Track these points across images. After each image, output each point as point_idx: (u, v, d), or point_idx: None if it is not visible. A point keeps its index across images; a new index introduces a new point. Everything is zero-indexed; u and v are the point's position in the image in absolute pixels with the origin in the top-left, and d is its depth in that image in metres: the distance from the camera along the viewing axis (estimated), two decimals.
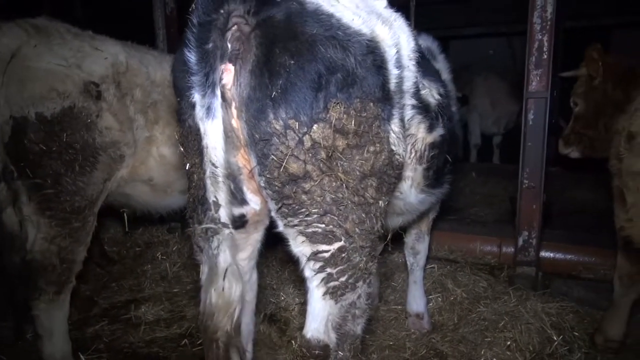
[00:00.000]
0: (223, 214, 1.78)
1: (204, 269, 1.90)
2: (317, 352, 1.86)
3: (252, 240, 2.23)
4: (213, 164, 1.73)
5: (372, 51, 1.78)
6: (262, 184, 1.80)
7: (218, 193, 1.76)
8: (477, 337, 3.24)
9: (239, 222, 2.02)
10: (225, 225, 1.78)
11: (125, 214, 3.69)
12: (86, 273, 3.32)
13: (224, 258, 1.77)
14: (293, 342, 2.00)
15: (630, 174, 2.47)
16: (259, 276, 2.47)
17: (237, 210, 1.98)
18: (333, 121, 1.68)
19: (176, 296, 4.03)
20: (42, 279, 2.83)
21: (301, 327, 1.94)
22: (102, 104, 2.94)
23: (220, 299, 1.77)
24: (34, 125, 2.68)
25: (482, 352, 3.05)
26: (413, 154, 2.28)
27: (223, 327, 1.79)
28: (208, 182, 1.75)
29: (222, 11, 1.65)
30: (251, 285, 2.37)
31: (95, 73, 2.95)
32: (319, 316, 1.87)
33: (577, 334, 3.24)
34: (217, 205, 1.77)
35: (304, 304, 2.22)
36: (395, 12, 2.11)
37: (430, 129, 2.29)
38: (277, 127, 1.68)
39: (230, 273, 1.77)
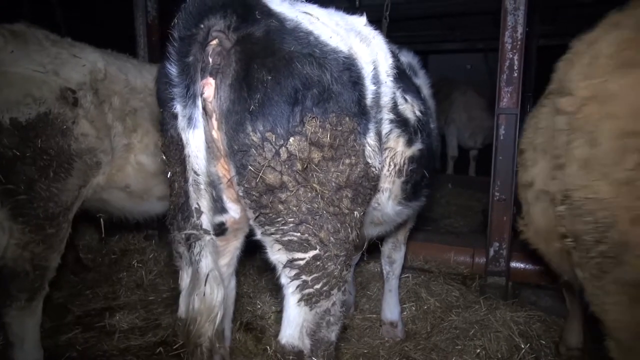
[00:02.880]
0: (205, 221, 1.82)
1: (183, 275, 1.95)
2: (291, 357, 1.91)
3: (231, 248, 2.27)
4: (195, 172, 1.78)
5: (349, 68, 1.86)
6: (241, 193, 1.85)
7: (200, 200, 1.80)
8: (448, 345, 3.31)
9: (219, 230, 2.07)
10: (207, 231, 1.82)
11: (102, 220, 3.67)
12: (59, 280, 3.28)
13: (205, 264, 1.81)
14: (269, 348, 2.03)
15: (521, 185, 2.67)
16: (237, 284, 2.50)
17: (217, 218, 2.03)
18: (309, 134, 1.75)
19: (152, 304, 4.01)
20: (14, 285, 2.80)
21: (277, 334, 1.98)
22: (79, 110, 2.95)
23: (202, 304, 1.80)
24: (7, 131, 2.66)
25: None
26: (392, 167, 2.34)
27: (205, 333, 1.82)
28: (190, 189, 1.79)
29: (202, 26, 1.70)
30: (229, 292, 2.40)
31: (72, 80, 2.96)
32: (294, 322, 1.92)
33: (543, 342, 3.34)
34: (199, 212, 1.81)
35: (280, 312, 2.25)
36: (375, 29, 2.20)
37: (410, 143, 2.36)
38: (255, 139, 1.74)
39: (212, 278, 1.80)
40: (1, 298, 2.82)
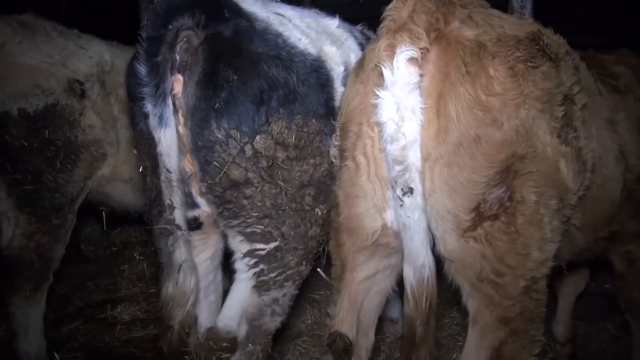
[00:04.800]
0: (178, 216, 1.87)
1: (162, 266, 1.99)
2: (224, 344, 1.93)
3: (212, 241, 2.28)
4: (167, 170, 1.82)
5: (317, 70, 1.92)
6: (204, 189, 1.89)
7: (173, 196, 1.85)
8: (449, 342, 3.35)
9: (195, 224, 2.10)
10: (179, 227, 1.86)
11: (103, 212, 3.67)
12: (62, 272, 3.28)
13: (178, 254, 1.86)
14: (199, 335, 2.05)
15: None
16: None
17: (190, 213, 2.06)
18: (274, 134, 1.80)
19: (153, 297, 4.01)
20: (19, 275, 2.81)
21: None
22: (86, 102, 2.96)
23: (175, 290, 1.86)
24: (16, 121, 2.68)
25: (455, 356, 3.14)
26: None
27: (176, 316, 1.87)
28: (163, 185, 1.83)
29: (171, 27, 1.73)
30: (216, 286, 2.40)
31: (79, 71, 2.97)
32: (237, 306, 1.98)
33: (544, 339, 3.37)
34: (172, 207, 1.85)
35: None
36: (348, 31, 2.25)
37: None
38: (219, 136, 1.79)
39: (185, 267, 1.86)
40: (6, 288, 2.84)
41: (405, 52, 1.57)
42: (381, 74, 1.59)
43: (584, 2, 4.82)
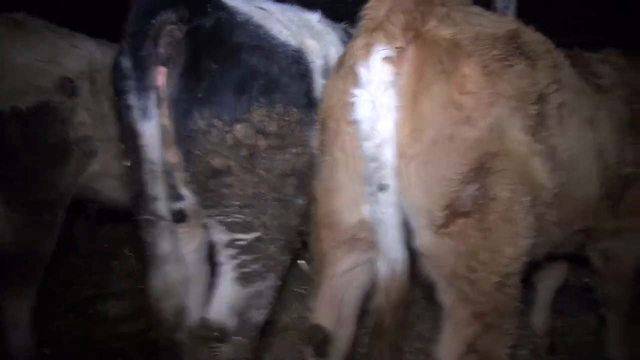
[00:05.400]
0: (162, 208, 1.90)
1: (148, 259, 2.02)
2: (215, 334, 1.98)
3: (197, 234, 2.29)
4: (151, 162, 1.85)
5: (297, 61, 1.97)
6: (188, 179, 1.93)
7: (157, 188, 1.88)
8: (432, 334, 3.38)
9: (179, 216, 2.12)
10: (163, 218, 1.90)
11: (92, 209, 3.70)
12: (52, 267, 3.31)
13: (164, 246, 1.90)
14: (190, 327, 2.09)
15: None
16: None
17: (176, 205, 2.08)
18: (255, 122, 1.84)
19: (143, 293, 4.02)
20: (10, 270, 2.84)
21: None
22: (77, 99, 2.99)
23: (161, 282, 1.91)
24: (9, 119, 2.71)
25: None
26: None
27: (164, 309, 1.93)
28: (147, 177, 1.87)
29: (154, 21, 1.77)
30: (201, 278, 2.38)
31: (71, 69, 3.00)
32: (225, 299, 2.01)
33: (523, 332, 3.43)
34: (156, 199, 1.89)
35: None
36: (330, 25, 2.31)
37: None
38: (201, 125, 1.83)
39: (171, 259, 1.91)
40: None
41: (381, 51, 1.61)
42: (357, 73, 1.64)
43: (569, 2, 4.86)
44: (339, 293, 1.97)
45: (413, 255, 1.81)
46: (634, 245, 2.57)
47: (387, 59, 1.61)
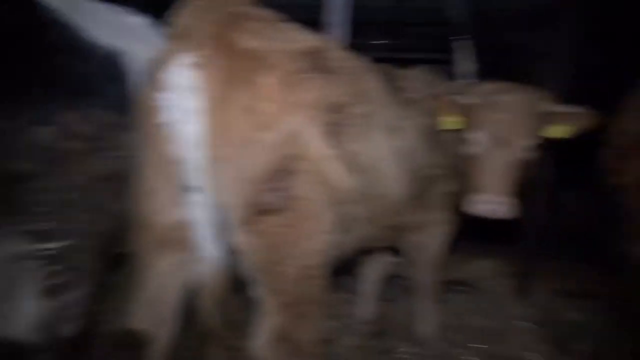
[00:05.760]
0: None
1: None
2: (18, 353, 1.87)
3: None
4: None
5: (115, 63, 1.98)
6: None
7: None
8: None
9: None
10: None
11: None
12: None
13: None
14: None
15: None
16: None
17: None
18: (65, 125, 1.81)
19: None
20: None
21: None
22: None
23: None
24: None
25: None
26: None
27: None
28: None
29: None
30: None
31: None
32: (31, 314, 1.89)
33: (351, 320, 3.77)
34: None
35: None
36: (155, 29, 2.34)
37: None
38: (5, 127, 1.73)
39: None
40: None
41: (185, 58, 1.69)
42: (164, 78, 1.69)
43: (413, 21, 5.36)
44: (157, 295, 1.98)
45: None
46: (438, 236, 2.99)
47: (192, 65, 1.69)
